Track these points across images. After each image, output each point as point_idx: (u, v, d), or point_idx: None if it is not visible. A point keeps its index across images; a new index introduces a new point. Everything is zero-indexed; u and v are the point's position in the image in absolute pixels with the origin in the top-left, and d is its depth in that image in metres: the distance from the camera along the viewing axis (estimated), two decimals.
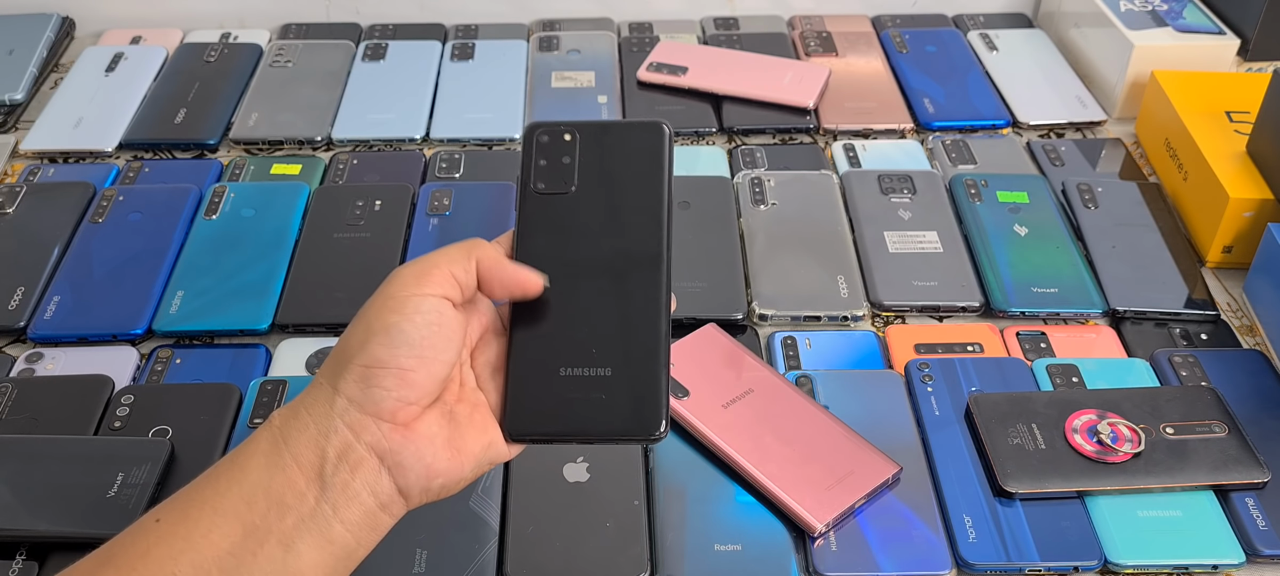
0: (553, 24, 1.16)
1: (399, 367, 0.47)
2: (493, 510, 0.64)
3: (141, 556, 0.45)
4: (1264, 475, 0.65)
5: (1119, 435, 0.67)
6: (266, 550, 0.45)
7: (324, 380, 0.48)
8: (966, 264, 0.83)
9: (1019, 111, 1.02)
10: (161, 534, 0.45)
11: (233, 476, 0.46)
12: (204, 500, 0.46)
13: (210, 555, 0.45)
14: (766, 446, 0.67)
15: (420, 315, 0.48)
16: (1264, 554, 0.63)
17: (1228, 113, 0.91)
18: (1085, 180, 0.91)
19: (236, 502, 0.46)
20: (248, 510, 0.45)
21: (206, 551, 0.45)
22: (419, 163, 0.95)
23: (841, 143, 0.98)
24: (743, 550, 0.63)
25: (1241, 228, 0.83)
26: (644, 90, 1.04)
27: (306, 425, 0.47)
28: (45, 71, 1.09)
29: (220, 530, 0.45)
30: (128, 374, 0.75)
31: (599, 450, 0.68)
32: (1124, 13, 1.04)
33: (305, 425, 0.47)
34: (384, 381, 0.47)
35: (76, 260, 0.83)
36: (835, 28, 1.15)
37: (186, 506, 0.46)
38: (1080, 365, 0.74)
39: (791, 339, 0.77)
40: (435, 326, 0.48)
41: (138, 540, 0.46)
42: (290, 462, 0.46)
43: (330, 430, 0.47)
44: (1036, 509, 0.65)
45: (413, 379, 0.47)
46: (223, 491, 0.46)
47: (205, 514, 0.46)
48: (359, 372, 0.47)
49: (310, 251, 0.84)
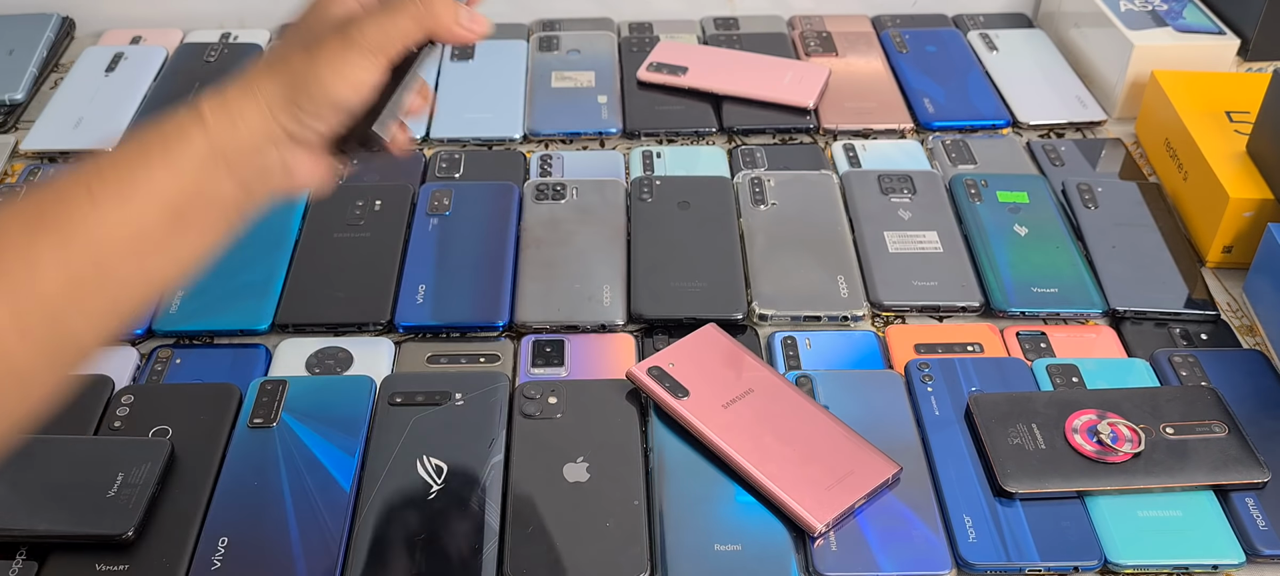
0: (553, 24, 1.16)
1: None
2: (493, 510, 0.64)
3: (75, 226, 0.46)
4: (1264, 475, 0.65)
5: (1119, 435, 0.67)
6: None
7: (264, 102, 0.50)
8: (966, 264, 0.83)
9: (1019, 111, 1.02)
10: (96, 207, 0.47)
11: (167, 171, 0.48)
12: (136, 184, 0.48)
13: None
14: (766, 446, 0.67)
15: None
16: (1264, 554, 0.63)
17: (1228, 113, 0.91)
18: (1085, 180, 0.91)
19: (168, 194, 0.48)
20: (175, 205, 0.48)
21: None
22: (419, 163, 0.95)
23: (841, 143, 0.98)
24: (743, 550, 0.63)
25: (1241, 228, 0.83)
26: (644, 90, 1.04)
27: (246, 145, 0.50)
28: (45, 71, 1.08)
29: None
30: (128, 374, 0.75)
31: (599, 450, 0.68)
32: (1124, 13, 1.04)
33: (244, 144, 0.50)
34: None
35: None
36: (835, 28, 1.15)
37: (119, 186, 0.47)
38: (1080, 365, 0.74)
39: (791, 339, 0.77)
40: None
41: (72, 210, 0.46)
42: (225, 177, 0.50)
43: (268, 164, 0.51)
44: (1036, 509, 0.65)
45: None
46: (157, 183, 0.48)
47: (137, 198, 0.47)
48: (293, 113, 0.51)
49: (310, 251, 0.84)
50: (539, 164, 0.95)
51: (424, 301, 0.79)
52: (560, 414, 0.70)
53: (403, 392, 0.71)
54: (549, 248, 0.84)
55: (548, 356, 0.76)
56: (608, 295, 0.80)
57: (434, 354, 0.76)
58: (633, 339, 0.78)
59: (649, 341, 0.77)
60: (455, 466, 0.67)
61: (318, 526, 0.63)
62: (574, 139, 1.00)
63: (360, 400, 0.71)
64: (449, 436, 0.69)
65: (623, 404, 0.71)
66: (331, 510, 0.64)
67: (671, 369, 0.72)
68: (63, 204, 0.46)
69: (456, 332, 0.78)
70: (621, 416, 0.70)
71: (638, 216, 0.87)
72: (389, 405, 0.71)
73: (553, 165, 0.95)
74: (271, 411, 0.70)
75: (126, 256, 0.47)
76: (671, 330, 0.78)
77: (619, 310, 0.79)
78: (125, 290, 0.48)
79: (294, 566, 0.61)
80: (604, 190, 0.90)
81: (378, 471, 0.66)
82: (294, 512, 0.64)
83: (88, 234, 0.46)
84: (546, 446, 0.68)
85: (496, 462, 0.67)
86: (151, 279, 0.49)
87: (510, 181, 0.92)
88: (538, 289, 0.81)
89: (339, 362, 0.76)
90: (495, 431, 0.69)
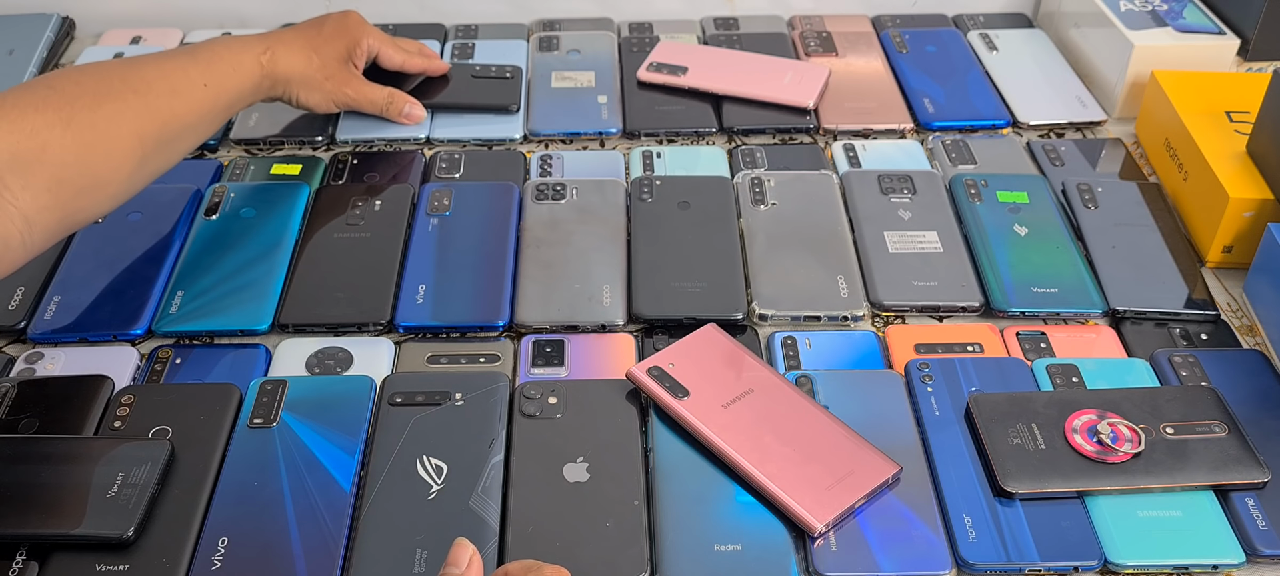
0: (553, 24, 1.16)
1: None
2: (493, 510, 0.64)
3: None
4: (1264, 475, 0.65)
5: (1119, 435, 0.67)
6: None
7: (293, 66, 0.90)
8: (966, 264, 0.83)
9: (1019, 111, 1.02)
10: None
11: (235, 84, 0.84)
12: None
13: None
14: (766, 446, 0.67)
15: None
16: (1264, 554, 0.63)
17: (1228, 113, 0.91)
18: (1085, 180, 0.91)
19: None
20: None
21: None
22: (419, 163, 0.95)
23: (841, 143, 0.98)
24: (743, 550, 0.63)
25: (1241, 228, 0.83)
26: (644, 90, 1.04)
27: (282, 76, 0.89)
28: (45, 71, 1.08)
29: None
30: (128, 374, 0.75)
31: (599, 450, 0.68)
32: (1124, 13, 1.04)
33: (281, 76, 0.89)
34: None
35: (76, 260, 0.83)
36: (835, 28, 1.15)
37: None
38: (1080, 365, 0.74)
39: (791, 339, 0.77)
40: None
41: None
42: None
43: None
44: (1036, 509, 0.65)
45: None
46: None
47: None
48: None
49: (310, 251, 0.84)
50: (539, 164, 0.95)
51: (424, 301, 0.79)
52: (560, 414, 0.70)
53: (403, 392, 0.71)
54: (549, 248, 0.84)
55: (548, 356, 0.76)
56: (608, 295, 0.80)
57: (434, 354, 0.76)
58: (633, 339, 0.78)
59: (649, 341, 0.77)
60: (455, 466, 0.67)
61: (318, 526, 0.63)
62: (574, 139, 1.00)
63: (360, 400, 0.71)
64: (449, 436, 0.69)
65: (623, 404, 0.71)
66: (331, 510, 0.64)
67: (671, 369, 0.72)
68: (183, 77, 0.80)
69: (456, 333, 0.78)
70: (621, 416, 0.70)
71: (638, 216, 0.87)
72: (389, 405, 0.71)
73: (553, 165, 0.95)
74: (271, 411, 0.70)
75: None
76: (671, 330, 0.78)
77: (619, 310, 0.79)
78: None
79: (294, 566, 0.61)
80: (604, 190, 0.90)
81: (378, 471, 0.66)
82: (294, 513, 0.64)
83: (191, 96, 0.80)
84: (546, 446, 0.68)
85: (496, 462, 0.67)
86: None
87: (510, 181, 0.92)
88: (538, 289, 0.81)
89: (339, 363, 0.76)
90: (495, 431, 0.69)
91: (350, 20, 0.94)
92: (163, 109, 0.75)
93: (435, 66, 1.02)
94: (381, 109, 0.97)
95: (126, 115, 0.72)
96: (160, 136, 0.75)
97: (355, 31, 0.94)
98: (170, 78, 0.77)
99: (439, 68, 1.02)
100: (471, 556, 0.54)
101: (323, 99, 0.92)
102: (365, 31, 0.95)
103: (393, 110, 0.97)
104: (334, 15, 0.94)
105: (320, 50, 0.91)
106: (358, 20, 0.95)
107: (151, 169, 0.76)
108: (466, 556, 0.54)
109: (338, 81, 0.93)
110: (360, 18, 0.95)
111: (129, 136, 0.72)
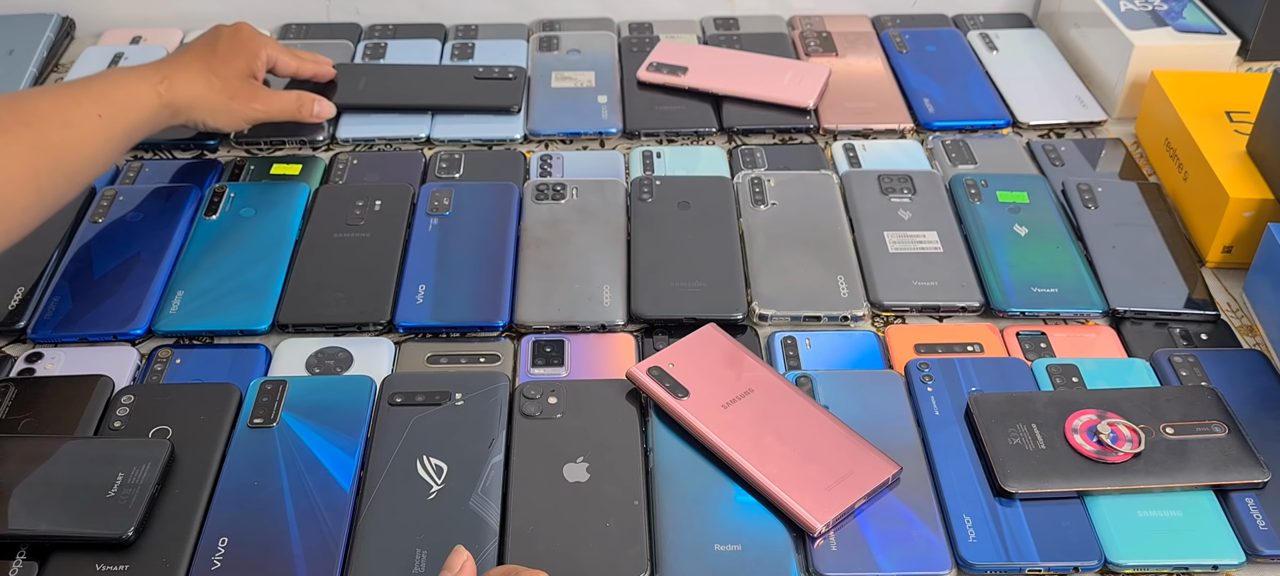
0: (553, 24, 1.16)
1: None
2: (493, 510, 0.64)
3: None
4: (1264, 475, 0.65)
5: (1119, 435, 0.67)
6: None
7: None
8: (966, 264, 0.83)
9: (1019, 111, 1.02)
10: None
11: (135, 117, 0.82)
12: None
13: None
14: (766, 446, 0.67)
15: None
16: (1264, 554, 0.63)
17: (1228, 113, 0.91)
18: (1085, 180, 0.91)
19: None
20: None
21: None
22: (419, 163, 0.95)
23: (841, 143, 0.98)
24: (743, 550, 0.63)
25: (1241, 228, 0.83)
26: (644, 90, 1.04)
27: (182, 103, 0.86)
28: (45, 71, 1.09)
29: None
30: (128, 374, 0.75)
31: (599, 450, 0.68)
32: (1124, 13, 1.04)
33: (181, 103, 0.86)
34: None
35: (76, 260, 0.83)
36: (835, 28, 1.15)
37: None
38: (1080, 365, 0.74)
39: (791, 339, 0.77)
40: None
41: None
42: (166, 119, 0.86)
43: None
44: (1036, 509, 0.65)
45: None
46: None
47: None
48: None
49: (310, 251, 0.84)
50: (539, 164, 0.95)
51: (424, 301, 0.79)
52: (560, 414, 0.70)
53: (403, 393, 0.71)
54: (549, 248, 0.84)
55: (548, 356, 0.76)
56: (608, 295, 0.80)
57: (434, 354, 0.76)
58: (633, 339, 0.78)
59: (649, 341, 0.77)
60: (455, 466, 0.67)
61: (318, 526, 0.63)
62: (574, 139, 1.00)
63: (360, 400, 0.71)
64: (449, 436, 0.69)
65: (623, 404, 0.71)
66: (331, 510, 0.64)
67: (671, 369, 0.72)
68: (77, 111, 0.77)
69: (456, 333, 0.78)
70: (621, 416, 0.70)
71: (638, 216, 0.87)
72: (389, 405, 0.71)
73: (553, 165, 0.95)
74: (271, 411, 0.70)
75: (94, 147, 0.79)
76: (671, 330, 0.78)
77: (619, 310, 0.79)
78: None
79: (294, 566, 0.61)
80: (604, 190, 0.90)
81: (378, 471, 0.66)
82: (294, 513, 0.64)
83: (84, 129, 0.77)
84: (546, 446, 0.68)
85: (496, 462, 0.67)
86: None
87: (510, 181, 0.92)
88: (538, 289, 0.81)
89: (339, 363, 0.76)
90: (495, 431, 0.69)
91: (243, 33, 0.91)
92: (56, 141, 0.74)
93: (323, 72, 1.00)
94: (293, 114, 0.95)
95: (18, 149, 0.71)
96: (56, 169, 0.74)
97: (252, 44, 0.91)
98: (63, 110, 0.75)
99: (326, 73, 1.00)
100: (464, 563, 0.56)
101: (230, 120, 0.90)
102: (261, 42, 0.92)
103: (304, 112, 0.95)
104: (226, 30, 0.91)
105: (219, 71, 0.88)
106: (251, 32, 0.92)
107: (50, 202, 0.74)
108: (460, 562, 0.56)
109: (243, 99, 0.90)
110: (253, 29, 0.93)
111: (22, 171, 0.71)
